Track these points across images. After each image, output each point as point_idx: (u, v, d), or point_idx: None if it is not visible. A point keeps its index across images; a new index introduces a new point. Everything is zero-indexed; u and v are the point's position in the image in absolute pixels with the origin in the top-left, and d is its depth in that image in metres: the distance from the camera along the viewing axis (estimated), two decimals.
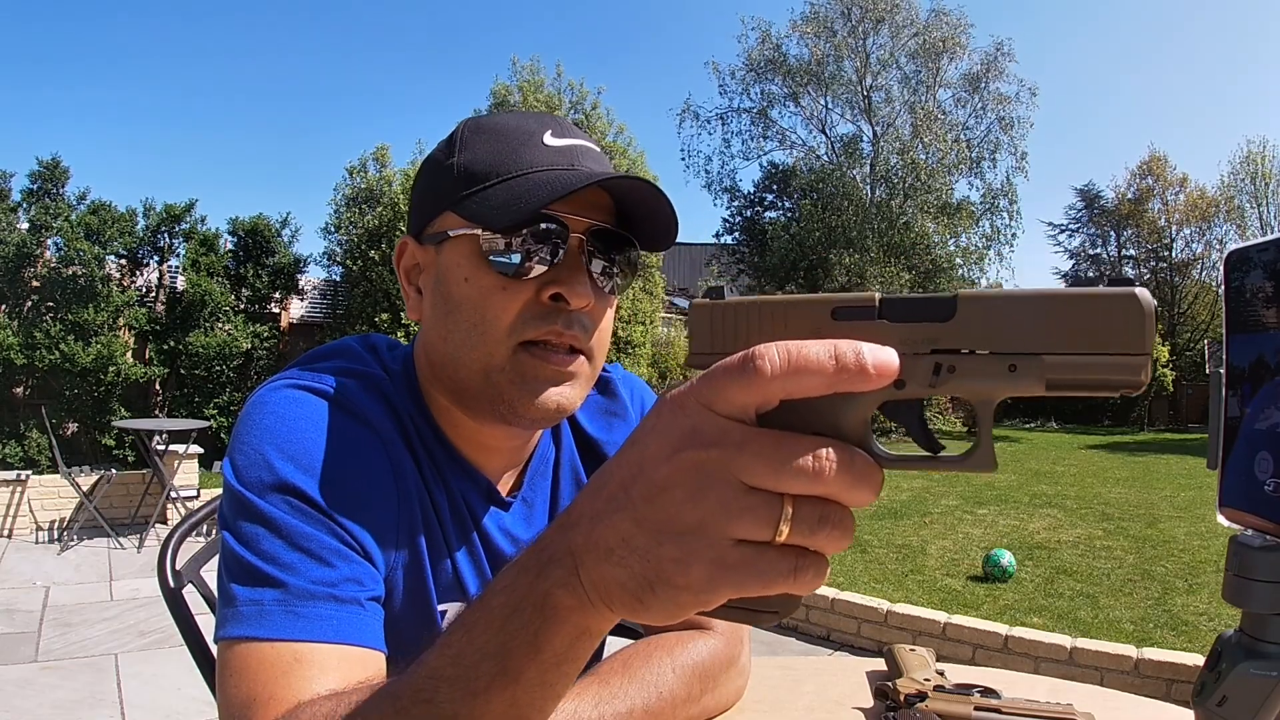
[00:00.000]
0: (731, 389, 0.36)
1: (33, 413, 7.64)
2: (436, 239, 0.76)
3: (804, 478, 0.36)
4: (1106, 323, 0.36)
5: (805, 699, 0.94)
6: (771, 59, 20.04)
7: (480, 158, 0.74)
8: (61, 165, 8.55)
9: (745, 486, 0.36)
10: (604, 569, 0.39)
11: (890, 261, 17.46)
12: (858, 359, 0.36)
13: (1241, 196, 21.51)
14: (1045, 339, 0.36)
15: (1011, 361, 0.37)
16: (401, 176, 10.40)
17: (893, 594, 4.55)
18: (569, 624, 0.42)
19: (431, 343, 0.78)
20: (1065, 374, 0.36)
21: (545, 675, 0.44)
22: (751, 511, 0.36)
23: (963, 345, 0.37)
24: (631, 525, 0.38)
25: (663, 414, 0.39)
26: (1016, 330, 0.37)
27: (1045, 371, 0.36)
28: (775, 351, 0.36)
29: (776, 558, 0.37)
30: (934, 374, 0.38)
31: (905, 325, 0.38)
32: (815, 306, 0.40)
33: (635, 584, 0.38)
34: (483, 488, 0.83)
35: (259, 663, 0.60)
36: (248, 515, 0.66)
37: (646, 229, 0.76)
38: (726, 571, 0.36)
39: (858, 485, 0.37)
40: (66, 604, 4.58)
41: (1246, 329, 0.54)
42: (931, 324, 0.38)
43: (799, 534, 0.36)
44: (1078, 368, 0.36)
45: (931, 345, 0.38)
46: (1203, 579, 5.01)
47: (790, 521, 0.36)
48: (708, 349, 0.42)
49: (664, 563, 0.37)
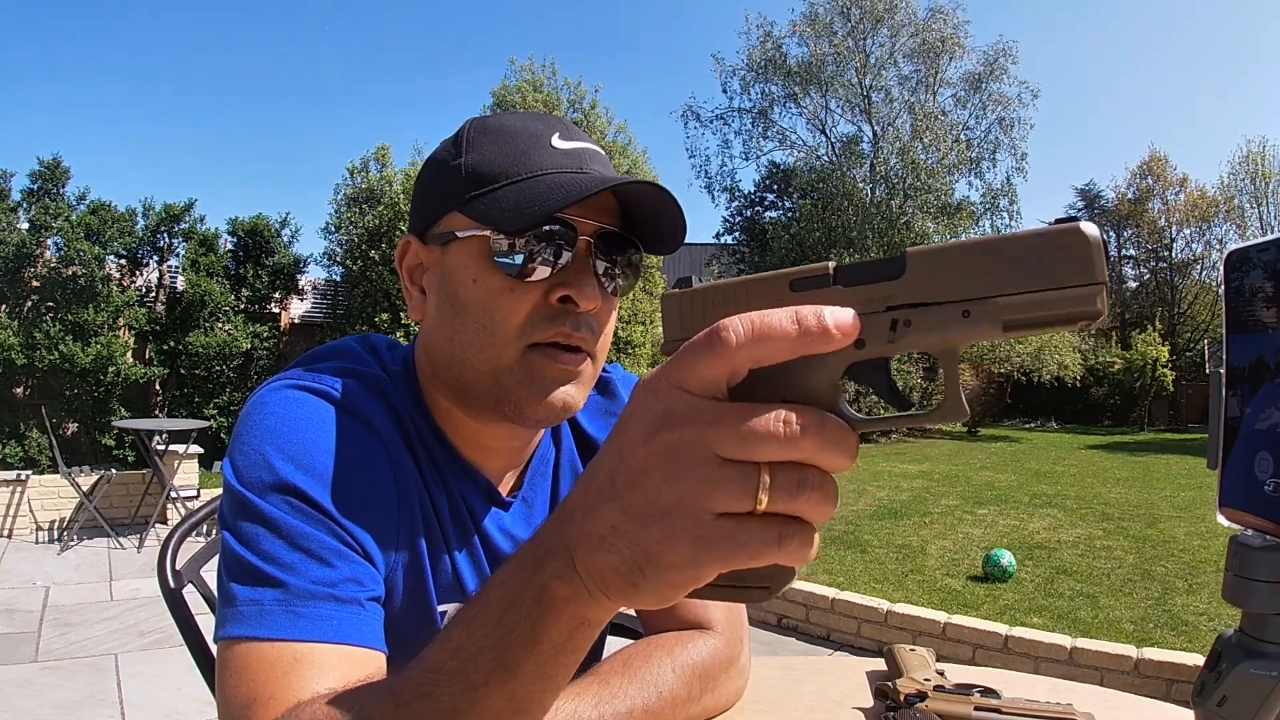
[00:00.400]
0: (700, 364, 0.38)
1: (33, 413, 7.64)
2: (442, 239, 0.76)
3: (776, 443, 0.36)
4: (1054, 257, 0.36)
5: (805, 699, 0.94)
6: (772, 59, 20.05)
7: (488, 159, 0.74)
8: (62, 165, 8.56)
9: (720, 459, 0.37)
10: (597, 558, 0.40)
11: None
12: (819, 320, 0.37)
13: (1241, 196, 21.52)
14: (995, 282, 0.37)
15: (965, 308, 0.37)
16: (402, 176, 10.41)
17: (893, 594, 4.55)
18: (566, 615, 0.42)
19: (436, 343, 0.78)
20: (1019, 313, 0.37)
21: (543, 667, 0.44)
22: (729, 483, 0.37)
23: (916, 299, 0.38)
24: (618, 513, 0.39)
25: (637, 399, 0.40)
26: (966, 277, 0.37)
27: (999, 313, 0.37)
28: (739, 322, 0.37)
29: (759, 527, 0.37)
30: (891, 330, 0.38)
31: (860, 288, 0.39)
32: (774, 281, 0.41)
33: (626, 568, 0.39)
34: (483, 488, 0.83)
35: (259, 662, 0.60)
36: (248, 515, 0.66)
37: (651, 232, 0.76)
38: (711, 545, 0.37)
39: (831, 447, 0.37)
40: (66, 604, 4.58)
41: (1246, 329, 0.54)
42: (884, 283, 0.39)
43: (779, 500, 0.37)
44: (1031, 305, 0.36)
45: (886, 303, 0.39)
46: (1203, 579, 5.01)
47: (769, 490, 0.37)
48: (679, 335, 0.43)
49: (650, 544, 0.38)
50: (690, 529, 0.37)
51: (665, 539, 0.37)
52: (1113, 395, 19.36)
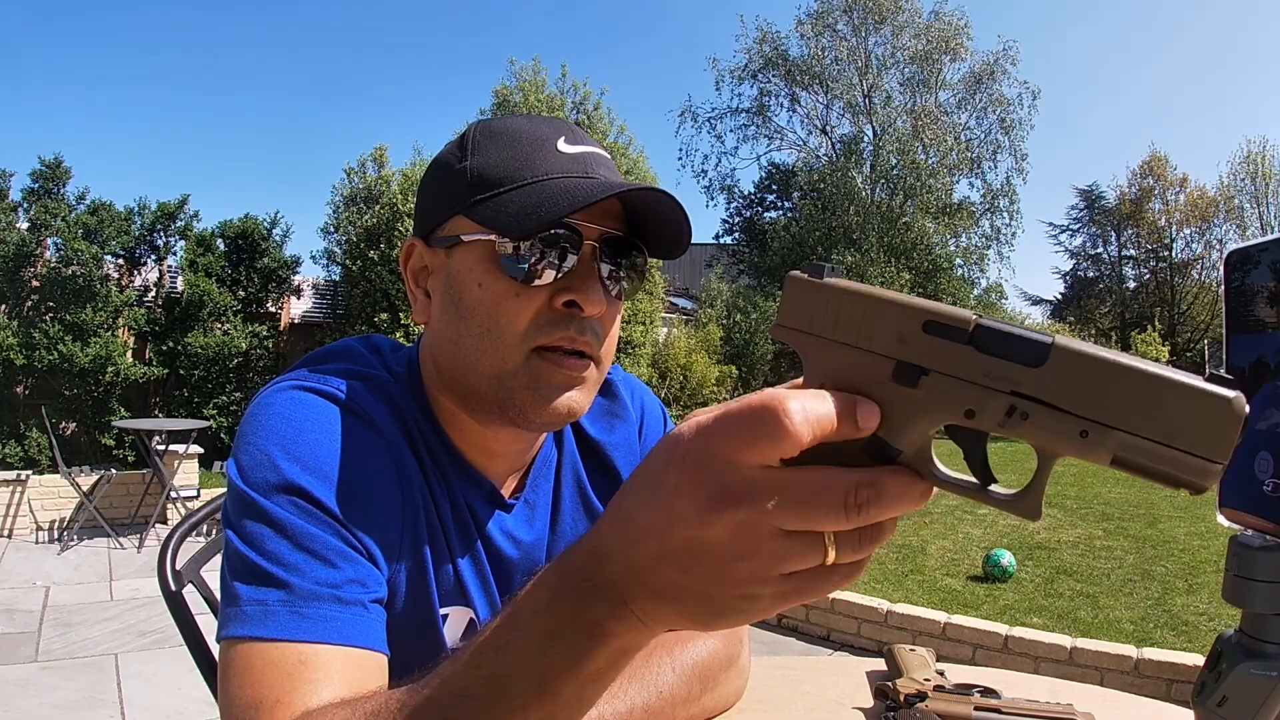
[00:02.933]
0: (757, 446, 0.38)
1: (32, 413, 7.63)
2: (447, 243, 0.75)
3: (837, 521, 0.38)
4: (1194, 418, 0.34)
5: (805, 699, 0.94)
6: (770, 58, 20.06)
7: (494, 162, 0.74)
8: (63, 165, 8.55)
9: (785, 533, 0.38)
10: (658, 605, 0.42)
11: (890, 261, 17.46)
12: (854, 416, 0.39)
13: (1241, 196, 21.50)
14: (1127, 415, 0.35)
15: (1085, 427, 0.35)
16: (400, 176, 10.39)
17: (893, 594, 4.55)
18: (614, 647, 0.43)
19: (441, 346, 0.78)
20: (1134, 455, 0.35)
21: (584, 691, 0.45)
22: (797, 554, 0.38)
23: (1043, 396, 0.36)
24: (678, 575, 0.40)
25: (683, 468, 0.39)
26: (1102, 397, 0.35)
27: (1115, 448, 0.35)
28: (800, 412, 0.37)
29: (829, 573, 0.40)
30: (1007, 415, 0.37)
31: (994, 360, 0.37)
32: (910, 312, 0.39)
33: (700, 615, 0.41)
34: (486, 491, 0.83)
35: (264, 663, 0.60)
36: (253, 515, 0.66)
37: (656, 236, 0.76)
38: (787, 598, 0.40)
39: (895, 507, 0.38)
40: (66, 604, 4.58)
41: (1247, 329, 0.54)
42: (1019, 365, 0.36)
43: (845, 556, 0.39)
44: (1149, 454, 0.34)
45: (1013, 386, 0.37)
46: (1203, 579, 5.01)
47: (835, 546, 0.39)
48: (794, 324, 0.43)
49: (727, 600, 0.40)
50: (767, 589, 0.39)
51: (744, 597, 0.40)
52: None
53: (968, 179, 19.98)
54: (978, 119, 20.18)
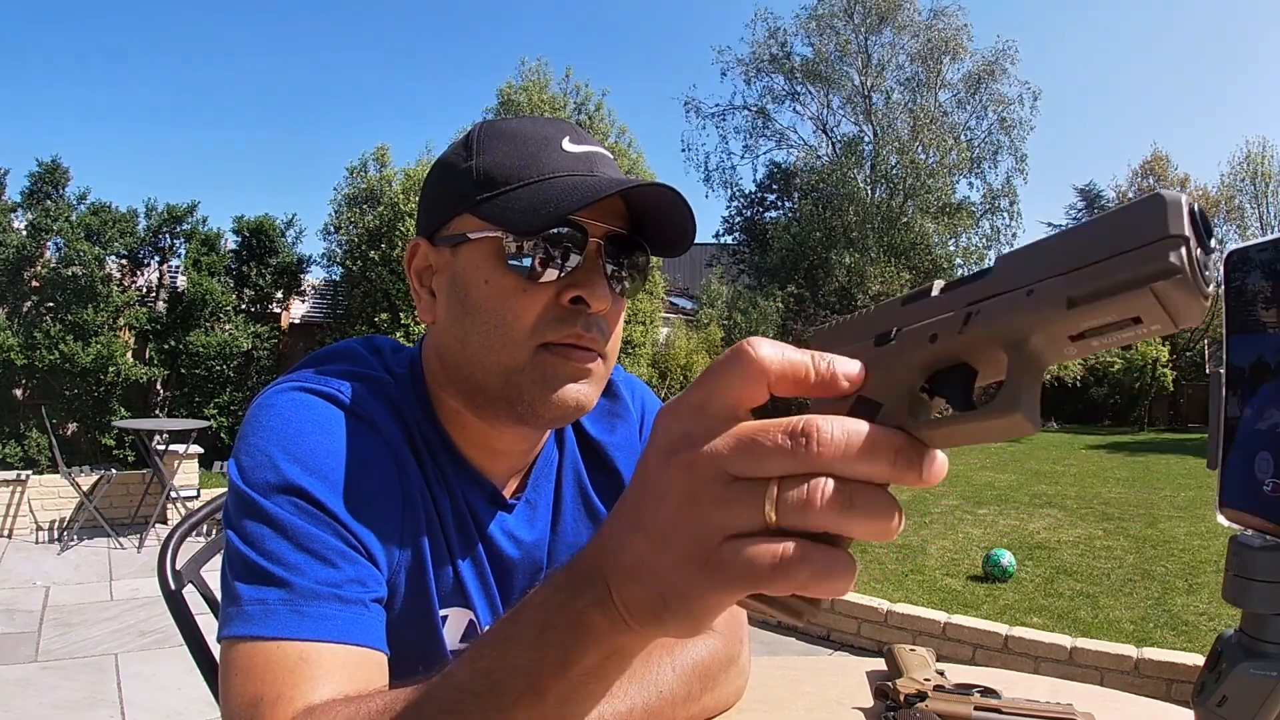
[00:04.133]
0: (721, 385, 0.37)
1: (33, 413, 7.63)
2: (453, 241, 0.76)
3: (783, 455, 0.34)
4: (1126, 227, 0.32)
5: (805, 699, 0.94)
6: (775, 56, 20.08)
7: (499, 161, 0.75)
8: (61, 166, 8.55)
9: (731, 477, 0.35)
10: (630, 589, 0.39)
11: (890, 261, 17.46)
12: (829, 367, 0.37)
13: (1242, 196, 21.49)
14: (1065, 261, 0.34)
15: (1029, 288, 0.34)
16: (402, 176, 10.40)
17: (893, 594, 4.55)
18: (601, 644, 0.41)
19: (447, 345, 0.78)
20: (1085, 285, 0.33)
21: (572, 693, 0.43)
22: (736, 500, 0.35)
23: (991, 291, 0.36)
24: (644, 542, 0.38)
25: (659, 424, 0.39)
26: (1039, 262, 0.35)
27: (1065, 289, 0.33)
28: (764, 343, 0.37)
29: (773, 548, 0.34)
30: (964, 323, 0.36)
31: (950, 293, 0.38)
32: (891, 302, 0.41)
33: (651, 600, 0.38)
34: (487, 492, 0.83)
35: (265, 662, 0.60)
36: (254, 515, 0.66)
37: (659, 234, 0.76)
38: (721, 569, 0.35)
39: (862, 456, 0.34)
40: (66, 604, 4.58)
41: (1246, 329, 0.54)
42: (972, 284, 0.37)
43: (788, 513, 0.34)
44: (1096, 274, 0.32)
45: (966, 301, 0.37)
46: (1203, 579, 5.01)
47: (775, 500, 0.34)
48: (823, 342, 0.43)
49: (669, 573, 0.37)
50: (703, 554, 0.35)
51: (679, 564, 0.36)
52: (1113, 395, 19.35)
53: (968, 179, 20.01)
54: (978, 119, 20.20)
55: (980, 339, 0.35)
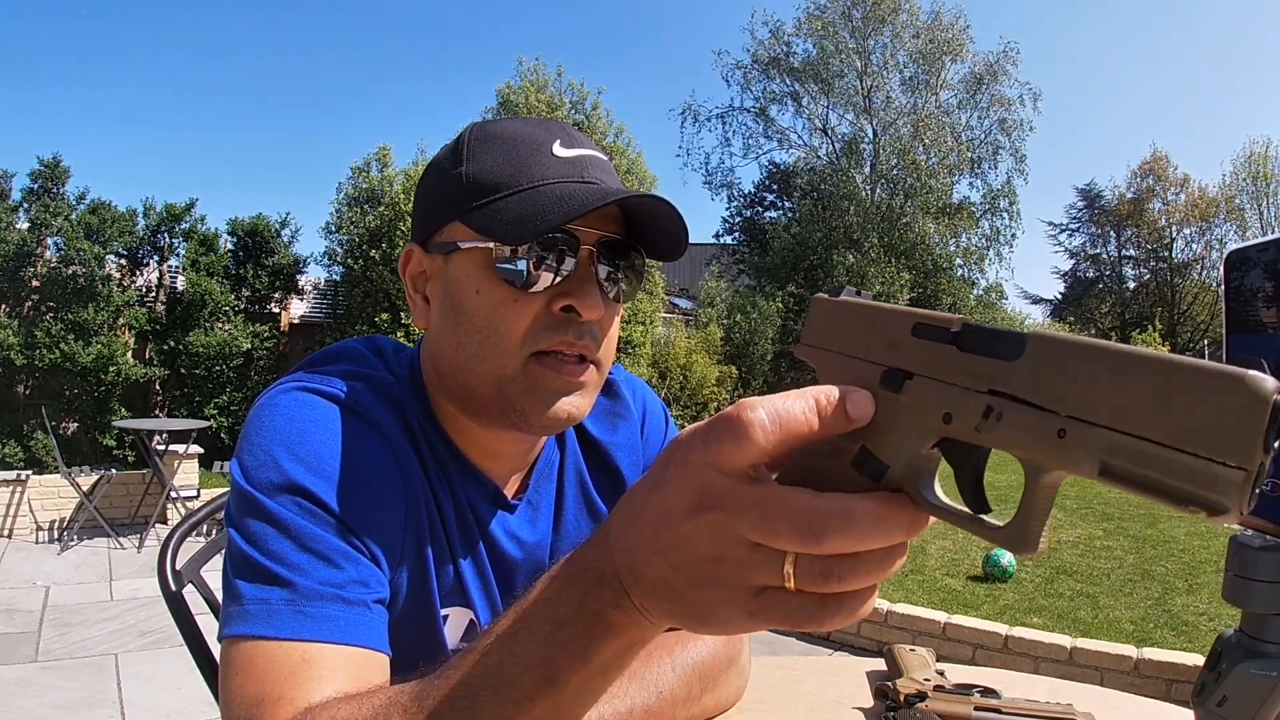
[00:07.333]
0: (726, 450, 0.38)
1: (33, 412, 7.63)
2: (444, 249, 0.76)
3: (795, 542, 0.37)
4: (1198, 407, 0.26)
5: (805, 699, 0.94)
6: (776, 56, 20.07)
7: (489, 168, 0.74)
8: (62, 165, 8.54)
9: (751, 543, 0.38)
10: (652, 600, 0.42)
11: (891, 261, 17.46)
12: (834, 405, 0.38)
13: (1242, 196, 21.49)
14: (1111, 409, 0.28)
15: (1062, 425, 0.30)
16: (403, 177, 10.39)
17: (893, 594, 4.55)
18: (622, 638, 0.44)
19: (440, 351, 0.78)
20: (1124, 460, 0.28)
21: (590, 683, 0.46)
22: (759, 566, 0.38)
23: (1018, 391, 0.32)
24: (666, 569, 0.41)
25: (681, 466, 0.40)
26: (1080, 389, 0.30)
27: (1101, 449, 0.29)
28: (763, 412, 0.38)
29: (799, 600, 0.38)
30: (983, 417, 0.33)
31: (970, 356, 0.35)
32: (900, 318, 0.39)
33: (683, 616, 0.41)
34: (489, 492, 0.83)
35: (267, 662, 0.60)
36: (256, 515, 0.66)
37: (653, 238, 0.76)
38: (756, 615, 0.39)
39: (871, 537, 0.37)
40: (66, 604, 4.58)
41: (1246, 329, 0.54)
42: (995, 360, 0.33)
43: (806, 583, 0.38)
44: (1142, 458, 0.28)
45: (990, 385, 0.33)
46: (1203, 579, 5.01)
47: (794, 571, 0.38)
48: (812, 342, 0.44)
49: (701, 604, 0.40)
50: (735, 599, 0.39)
51: (715, 604, 0.40)
52: None
53: (968, 179, 20.02)
54: (978, 119, 20.21)
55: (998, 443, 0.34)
